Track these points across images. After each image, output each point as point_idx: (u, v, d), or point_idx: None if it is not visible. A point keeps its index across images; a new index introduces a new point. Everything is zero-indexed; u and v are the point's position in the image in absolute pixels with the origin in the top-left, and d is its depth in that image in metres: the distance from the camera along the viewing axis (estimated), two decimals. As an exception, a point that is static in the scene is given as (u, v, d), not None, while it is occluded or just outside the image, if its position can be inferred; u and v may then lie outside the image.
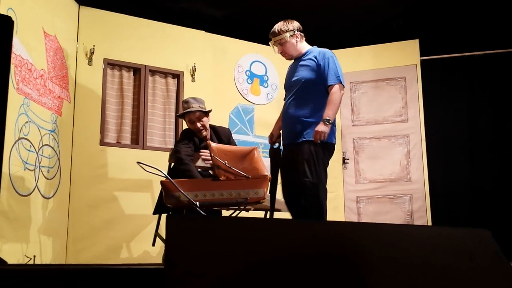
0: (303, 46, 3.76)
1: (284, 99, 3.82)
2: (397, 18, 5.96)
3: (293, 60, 3.83)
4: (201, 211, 3.12)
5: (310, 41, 3.85)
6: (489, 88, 5.86)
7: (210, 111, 3.97)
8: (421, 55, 5.76)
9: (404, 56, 5.79)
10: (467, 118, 5.90)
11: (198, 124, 3.88)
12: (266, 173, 3.23)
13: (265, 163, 3.42)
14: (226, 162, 3.15)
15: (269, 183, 3.31)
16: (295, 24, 3.74)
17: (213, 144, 3.28)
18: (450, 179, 5.82)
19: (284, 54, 3.77)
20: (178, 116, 4.26)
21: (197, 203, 3.11)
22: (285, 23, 3.72)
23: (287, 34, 3.67)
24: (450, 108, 5.96)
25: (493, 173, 5.70)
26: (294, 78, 3.68)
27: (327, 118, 3.38)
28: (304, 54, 3.73)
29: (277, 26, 3.73)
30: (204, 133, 3.91)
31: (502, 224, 5.12)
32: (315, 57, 3.63)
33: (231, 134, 4.21)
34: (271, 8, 5.70)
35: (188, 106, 3.92)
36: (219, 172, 3.17)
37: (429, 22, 5.97)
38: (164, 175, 3.17)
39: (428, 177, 5.55)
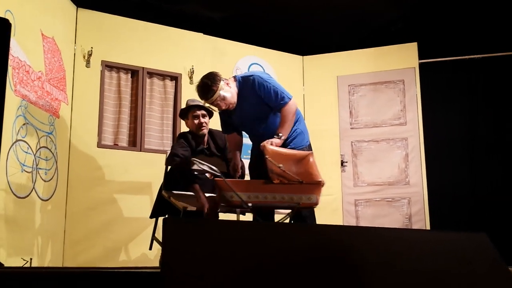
0: (234, 86, 3.47)
1: (226, 132, 3.79)
2: (396, 22, 5.96)
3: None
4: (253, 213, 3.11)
5: (311, 43, 3.78)
6: (487, 91, 5.86)
7: (213, 113, 3.95)
8: (420, 58, 5.76)
9: (402, 59, 5.80)
10: (465, 121, 5.88)
11: (202, 120, 3.88)
12: (320, 179, 3.16)
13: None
14: (281, 165, 3.10)
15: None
16: (216, 73, 3.44)
17: (269, 147, 3.19)
18: (449, 182, 5.80)
19: (228, 105, 3.44)
20: (181, 112, 4.13)
21: (249, 204, 3.08)
22: (209, 79, 3.38)
23: (221, 85, 3.37)
24: (449, 111, 5.94)
25: (492, 176, 5.69)
26: (249, 118, 3.52)
27: (280, 134, 3.33)
28: (240, 92, 3.47)
29: (205, 87, 3.37)
30: (204, 131, 3.91)
31: (501, 228, 5.11)
32: (253, 89, 3.42)
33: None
34: (269, 10, 5.70)
35: (193, 102, 3.94)
36: (272, 176, 3.11)
37: (427, 25, 5.97)
38: (218, 174, 3.14)
39: (427, 180, 5.55)
